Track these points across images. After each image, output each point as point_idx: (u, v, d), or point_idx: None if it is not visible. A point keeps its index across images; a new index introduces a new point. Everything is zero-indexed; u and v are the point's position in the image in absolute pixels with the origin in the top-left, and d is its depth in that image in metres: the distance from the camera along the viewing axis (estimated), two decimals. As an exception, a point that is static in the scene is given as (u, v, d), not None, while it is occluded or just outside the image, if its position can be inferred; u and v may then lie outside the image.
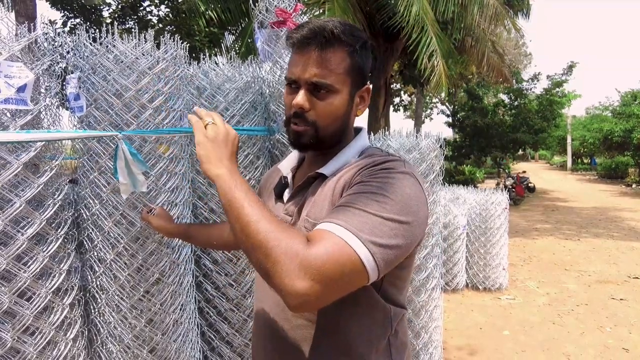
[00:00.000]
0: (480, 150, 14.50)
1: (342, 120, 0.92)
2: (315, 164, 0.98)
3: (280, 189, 1.03)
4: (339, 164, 0.93)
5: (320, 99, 0.88)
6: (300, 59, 0.88)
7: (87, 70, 1.51)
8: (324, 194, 0.90)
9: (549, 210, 11.75)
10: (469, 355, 3.49)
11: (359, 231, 0.72)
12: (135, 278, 1.58)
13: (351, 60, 0.89)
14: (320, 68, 0.86)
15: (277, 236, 0.71)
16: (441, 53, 6.80)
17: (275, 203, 1.02)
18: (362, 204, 0.76)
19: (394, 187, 0.78)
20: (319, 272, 0.68)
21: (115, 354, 1.60)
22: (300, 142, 0.91)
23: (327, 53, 0.86)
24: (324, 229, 0.74)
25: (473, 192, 5.24)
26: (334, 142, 0.94)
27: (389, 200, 0.76)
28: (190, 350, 1.80)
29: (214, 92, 1.93)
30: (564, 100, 15.14)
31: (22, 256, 1.40)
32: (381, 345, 0.91)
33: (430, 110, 27.54)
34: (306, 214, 0.90)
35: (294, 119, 0.90)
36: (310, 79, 0.87)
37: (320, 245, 0.70)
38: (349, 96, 0.91)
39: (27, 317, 1.36)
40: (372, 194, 0.77)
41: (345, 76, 0.89)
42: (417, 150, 2.53)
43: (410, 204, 0.78)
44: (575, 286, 5.25)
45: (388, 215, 0.75)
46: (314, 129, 0.90)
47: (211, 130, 0.89)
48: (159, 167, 1.57)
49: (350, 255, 0.71)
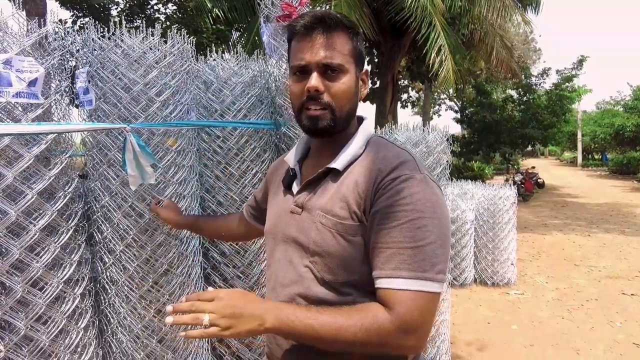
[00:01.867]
0: (489, 146, 14.37)
1: (354, 101, 0.95)
2: (323, 155, 0.99)
3: (289, 180, 1.04)
4: (349, 157, 0.94)
5: (332, 80, 0.90)
6: (307, 44, 0.90)
7: (96, 64, 1.54)
8: (338, 190, 0.91)
9: (559, 206, 11.64)
10: (477, 350, 3.48)
11: (424, 272, 0.80)
12: (144, 269, 1.61)
13: (353, 42, 0.93)
14: (329, 50, 0.89)
15: (366, 328, 0.79)
16: (449, 48, 6.76)
17: (285, 195, 1.03)
18: (408, 238, 0.81)
19: (424, 204, 0.83)
20: (415, 327, 0.79)
21: (125, 344, 1.63)
22: (318, 126, 0.92)
23: (332, 36, 0.90)
24: (395, 288, 0.80)
25: (481, 186, 5.21)
26: (347, 124, 0.96)
27: (426, 220, 0.82)
28: (199, 340, 1.83)
29: (220, 87, 1.95)
30: (573, 95, 14.94)
31: (34, 247, 1.44)
32: None
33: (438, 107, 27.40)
34: (320, 208, 0.91)
35: (309, 104, 0.91)
36: (321, 61, 0.89)
37: (401, 309, 0.79)
38: (356, 77, 0.95)
39: (40, 306, 1.40)
40: (409, 222, 0.82)
41: (351, 57, 0.92)
42: (423, 144, 2.53)
43: (440, 211, 0.85)
44: (585, 281, 5.21)
45: (434, 238, 0.82)
46: (331, 111, 0.91)
47: (224, 307, 0.79)
48: (167, 160, 1.59)
49: (430, 298, 0.80)
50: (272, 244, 1.02)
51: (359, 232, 0.88)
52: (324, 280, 0.90)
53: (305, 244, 0.92)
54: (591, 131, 25.17)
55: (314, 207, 0.93)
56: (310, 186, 0.97)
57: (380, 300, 0.82)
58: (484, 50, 8.75)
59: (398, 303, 0.80)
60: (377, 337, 0.79)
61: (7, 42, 1.41)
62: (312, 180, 0.96)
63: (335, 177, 0.94)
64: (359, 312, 0.81)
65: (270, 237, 1.03)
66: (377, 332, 0.79)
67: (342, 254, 0.88)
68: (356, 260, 0.88)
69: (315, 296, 0.90)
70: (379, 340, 0.79)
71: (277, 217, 1.02)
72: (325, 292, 0.90)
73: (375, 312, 0.80)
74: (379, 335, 0.79)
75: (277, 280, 0.97)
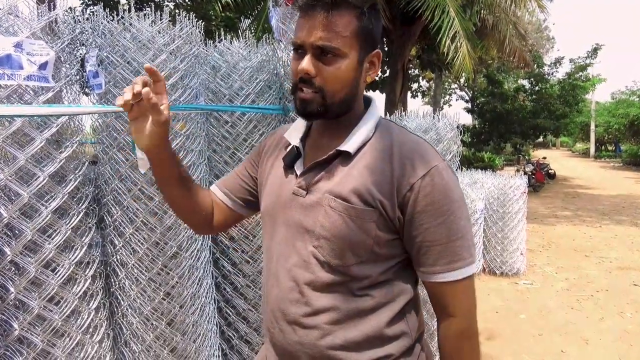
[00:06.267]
0: (500, 136, 14.24)
1: (351, 87, 0.89)
2: (327, 137, 0.95)
3: (292, 159, 0.98)
4: (360, 139, 0.91)
5: (327, 64, 0.84)
6: (306, 22, 0.85)
7: (105, 48, 1.54)
8: (349, 173, 0.89)
9: (570, 197, 11.50)
10: (486, 339, 3.48)
11: (471, 256, 0.89)
12: (154, 252, 1.63)
13: (359, 23, 0.85)
14: (326, 31, 0.82)
15: (477, 353, 0.92)
16: (464, 34, 6.63)
17: (286, 174, 0.98)
18: (453, 231, 0.87)
19: (456, 193, 0.88)
20: (475, 310, 0.92)
21: (135, 325, 1.66)
22: (307, 110, 0.88)
23: (333, 16, 0.83)
24: (452, 280, 0.88)
25: (491, 176, 5.16)
26: (342, 110, 0.91)
27: (460, 208, 0.88)
28: (207, 324, 1.85)
29: (229, 71, 1.95)
30: (587, 84, 14.67)
31: (46, 229, 1.46)
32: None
33: (449, 96, 27.11)
34: (328, 191, 0.88)
35: (301, 85, 0.87)
36: (315, 42, 0.83)
37: (462, 302, 0.90)
38: (358, 61, 0.88)
39: (52, 287, 1.42)
40: (451, 216, 0.87)
41: (353, 40, 0.85)
42: (434, 131, 2.51)
43: (462, 194, 0.90)
44: (596, 272, 5.16)
45: (467, 223, 0.89)
46: (321, 96, 0.86)
47: None
48: (176, 144, 1.60)
49: (474, 277, 0.92)
50: (271, 226, 0.97)
51: (372, 218, 0.86)
52: (330, 265, 0.88)
53: (311, 227, 0.89)
54: (605, 122, 24.73)
55: (321, 190, 0.90)
56: (316, 168, 0.93)
57: (437, 293, 0.91)
58: (496, 39, 8.59)
59: (458, 297, 0.90)
60: (476, 346, 0.93)
61: (18, 25, 1.41)
62: (320, 162, 0.92)
63: (345, 161, 0.90)
64: (458, 353, 0.92)
65: (269, 219, 0.98)
66: (472, 346, 0.92)
67: (351, 238, 0.87)
68: (365, 245, 0.87)
69: (322, 282, 0.89)
70: (477, 344, 0.93)
71: (276, 197, 0.97)
72: (332, 277, 0.88)
73: (454, 338, 0.92)
74: (474, 347, 0.92)
75: (278, 264, 0.94)
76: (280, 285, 0.94)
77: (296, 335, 0.92)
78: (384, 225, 0.87)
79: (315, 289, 0.89)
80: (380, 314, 0.90)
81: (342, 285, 0.89)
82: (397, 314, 0.92)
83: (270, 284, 0.97)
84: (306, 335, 0.91)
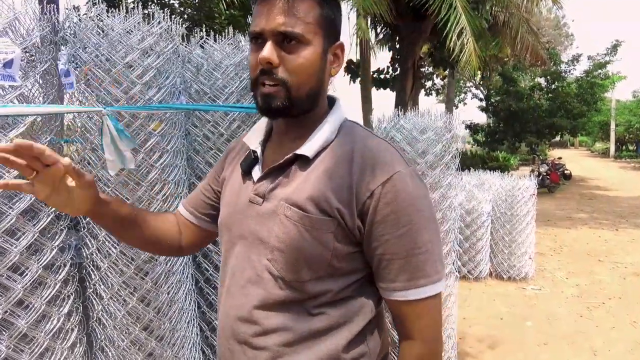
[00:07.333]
0: (515, 135, 13.94)
1: (317, 79, 0.82)
2: (287, 138, 0.88)
3: (249, 164, 0.91)
4: (319, 143, 0.84)
5: (289, 52, 0.78)
6: (264, 8, 0.78)
7: (77, 45, 1.50)
8: (306, 179, 0.81)
9: (586, 198, 11.19)
10: (488, 347, 3.37)
11: (437, 274, 0.81)
12: (128, 255, 1.58)
13: (321, 9, 0.80)
14: (287, 16, 0.76)
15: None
16: (471, 31, 6.49)
17: (243, 181, 0.91)
18: (416, 244, 0.80)
19: (421, 202, 0.81)
20: (439, 331, 0.84)
21: (110, 330, 1.61)
22: (271, 106, 0.80)
23: (294, 0, 0.77)
24: (414, 299, 0.80)
25: (499, 177, 5.01)
26: (307, 106, 0.83)
27: (425, 219, 0.80)
28: (187, 329, 1.80)
29: (212, 69, 1.89)
30: (606, 82, 14.28)
31: (15, 232, 1.42)
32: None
33: (464, 95, 26.71)
34: (284, 199, 0.82)
35: (262, 79, 0.79)
36: (277, 28, 0.76)
37: (423, 323, 0.82)
38: (322, 50, 0.81)
39: (18, 292, 1.38)
40: (413, 226, 0.79)
41: (316, 27, 0.79)
42: (432, 130, 2.41)
43: (429, 203, 0.83)
44: (609, 278, 4.98)
45: (434, 235, 0.81)
46: (286, 89, 0.79)
47: None
48: (150, 143, 1.55)
49: (440, 296, 0.83)
50: (228, 237, 0.90)
51: (329, 228, 0.79)
52: (284, 280, 0.81)
53: (266, 239, 0.82)
54: (626, 121, 24.07)
55: (277, 198, 0.83)
56: (273, 173, 0.86)
57: (396, 311, 0.83)
58: (508, 35, 8.38)
59: (419, 318, 0.82)
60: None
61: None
62: (277, 167, 0.85)
63: (303, 165, 0.83)
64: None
65: (225, 230, 0.92)
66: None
67: (307, 251, 0.79)
68: (322, 258, 0.80)
69: (275, 300, 0.82)
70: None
71: (232, 206, 0.90)
72: (286, 294, 0.81)
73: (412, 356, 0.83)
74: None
75: (233, 279, 0.88)
76: (233, 301, 0.87)
77: (245, 356, 0.85)
78: (342, 236, 0.80)
79: (266, 307, 0.82)
80: (338, 335, 0.82)
81: (297, 303, 0.81)
82: (357, 335, 0.84)
83: (223, 300, 0.91)
84: (255, 357, 0.83)
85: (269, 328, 0.82)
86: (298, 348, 0.81)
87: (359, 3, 6.18)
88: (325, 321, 0.82)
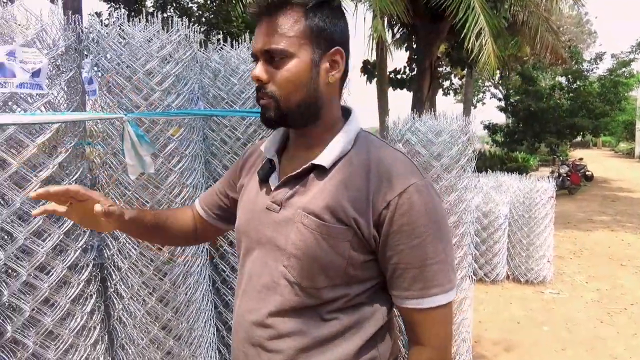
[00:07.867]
0: (534, 136, 13.68)
1: (307, 89, 0.84)
2: (301, 148, 0.91)
3: (267, 172, 0.95)
4: (336, 153, 0.86)
5: (277, 67, 0.82)
6: (257, 30, 0.84)
7: (99, 53, 1.55)
8: (323, 189, 0.84)
9: (609, 200, 10.91)
10: (503, 350, 3.34)
11: (450, 282, 0.83)
12: (147, 257, 1.63)
13: (307, 21, 0.82)
14: (270, 35, 0.81)
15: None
16: (490, 31, 6.41)
17: (260, 189, 0.94)
18: (431, 254, 0.82)
19: (436, 213, 0.83)
20: (450, 339, 0.87)
21: (130, 329, 1.67)
22: (266, 117, 0.85)
23: (276, 18, 0.81)
24: (427, 307, 0.83)
25: (517, 179, 4.94)
26: (305, 116, 0.86)
27: (441, 230, 0.83)
28: (204, 328, 1.85)
29: (229, 75, 1.93)
30: (631, 81, 13.88)
31: (41, 233, 1.49)
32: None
33: (482, 94, 26.34)
34: (302, 207, 0.84)
35: (258, 94, 0.86)
36: (263, 47, 0.82)
37: (434, 330, 0.84)
38: (311, 60, 0.83)
39: (45, 290, 1.45)
40: (429, 237, 0.82)
41: (302, 39, 0.82)
42: (447, 133, 2.40)
43: (443, 214, 0.85)
44: (631, 283, 4.85)
45: (448, 246, 0.84)
46: (275, 101, 0.83)
47: None
48: (168, 149, 1.59)
49: (452, 304, 0.85)
50: (245, 243, 0.94)
51: (345, 237, 0.82)
52: (300, 287, 0.84)
53: (283, 245, 0.85)
54: (651, 120, 23.33)
55: (294, 206, 0.86)
56: (291, 182, 0.89)
57: (407, 318, 0.86)
58: (527, 34, 8.24)
59: (431, 326, 0.84)
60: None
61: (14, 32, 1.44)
62: (294, 175, 0.88)
63: (320, 175, 0.86)
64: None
65: (243, 236, 0.95)
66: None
67: (323, 258, 0.82)
68: (338, 266, 0.82)
69: (290, 306, 0.85)
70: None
71: (250, 213, 0.94)
72: (301, 300, 0.84)
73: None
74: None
75: (250, 283, 0.91)
76: (249, 305, 0.90)
77: (259, 359, 0.88)
78: (358, 245, 0.82)
79: (282, 313, 0.85)
80: (350, 340, 0.85)
81: (311, 309, 0.84)
82: (368, 341, 0.86)
83: (239, 302, 0.94)
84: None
85: (283, 332, 0.85)
86: (312, 352, 0.84)
87: (375, 4, 6.16)
88: (338, 326, 0.84)
